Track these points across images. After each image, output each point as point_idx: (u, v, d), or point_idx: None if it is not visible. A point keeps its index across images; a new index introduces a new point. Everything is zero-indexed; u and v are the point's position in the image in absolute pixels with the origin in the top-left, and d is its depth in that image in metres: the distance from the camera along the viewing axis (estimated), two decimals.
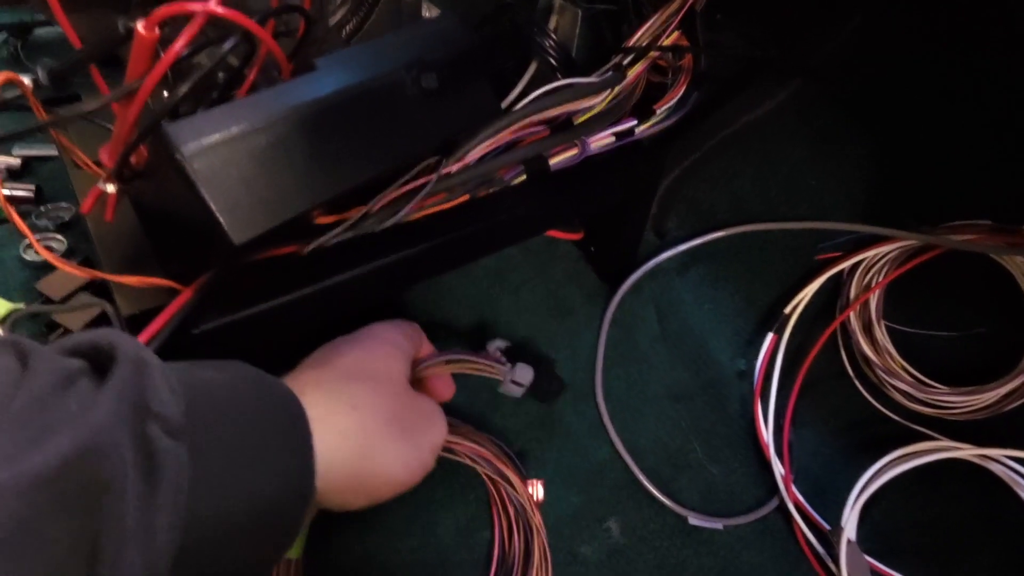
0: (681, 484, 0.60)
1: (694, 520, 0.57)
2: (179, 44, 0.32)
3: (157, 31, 0.32)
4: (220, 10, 0.33)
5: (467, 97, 0.46)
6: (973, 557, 0.56)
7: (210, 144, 0.34)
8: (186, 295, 0.38)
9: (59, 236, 0.63)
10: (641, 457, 0.60)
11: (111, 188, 0.40)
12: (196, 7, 0.32)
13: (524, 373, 0.59)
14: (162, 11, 0.32)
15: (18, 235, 0.64)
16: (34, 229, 0.63)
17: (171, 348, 0.36)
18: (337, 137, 0.39)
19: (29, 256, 0.62)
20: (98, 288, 0.55)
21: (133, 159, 0.38)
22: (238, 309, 0.40)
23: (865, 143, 0.65)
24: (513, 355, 0.60)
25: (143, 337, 0.36)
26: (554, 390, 0.61)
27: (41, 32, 0.90)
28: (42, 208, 0.65)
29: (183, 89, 0.34)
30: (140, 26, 0.32)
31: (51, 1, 0.37)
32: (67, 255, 0.62)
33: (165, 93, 0.41)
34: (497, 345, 0.61)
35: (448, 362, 0.57)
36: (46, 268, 0.61)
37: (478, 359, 0.59)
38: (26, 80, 0.41)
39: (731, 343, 0.68)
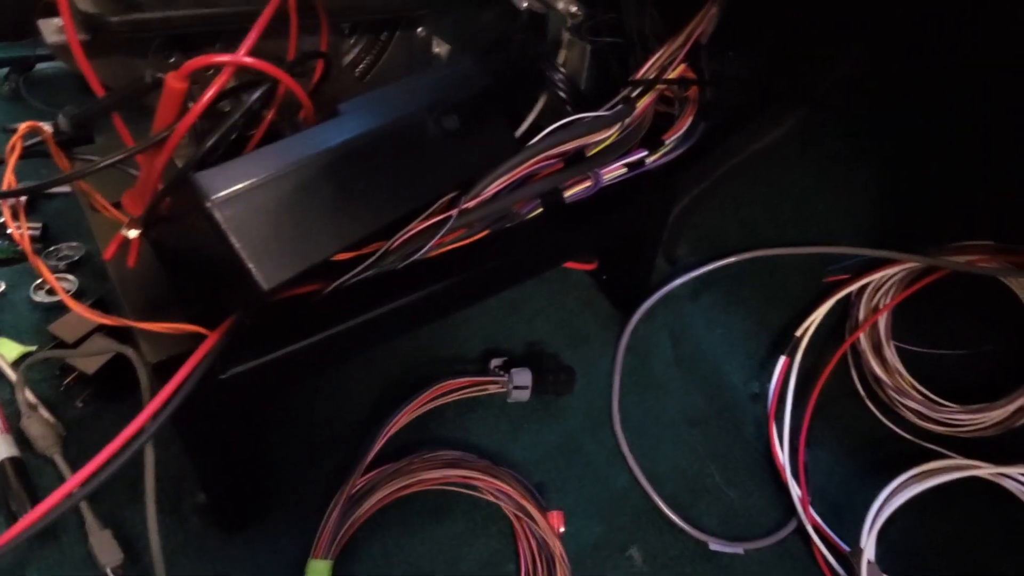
0: (700, 509, 0.59)
1: (715, 545, 0.57)
2: (208, 95, 0.33)
3: (187, 83, 0.32)
4: (249, 61, 0.33)
5: (486, 134, 0.46)
6: (993, 573, 0.56)
7: (238, 192, 0.34)
8: (212, 340, 0.38)
9: (70, 276, 0.63)
10: (660, 483, 0.60)
11: (133, 234, 0.40)
12: (225, 59, 0.33)
13: (522, 376, 0.61)
14: (193, 63, 0.32)
15: (28, 276, 0.63)
16: None
17: (200, 394, 0.36)
18: (362, 181, 0.39)
19: (39, 297, 0.61)
20: (112, 329, 0.55)
21: None
22: (264, 353, 0.40)
23: (870, 168, 0.66)
24: (512, 365, 0.62)
25: (171, 385, 0.36)
26: (564, 380, 0.63)
27: (42, 67, 0.90)
28: (51, 248, 0.65)
29: (211, 141, 0.34)
30: (170, 78, 0.32)
31: (74, 49, 0.37)
32: (78, 295, 0.62)
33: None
34: (494, 364, 0.63)
35: (449, 392, 0.59)
36: (57, 309, 0.61)
37: (475, 380, 0.60)
38: (46, 127, 0.41)
39: (744, 366, 0.68)
